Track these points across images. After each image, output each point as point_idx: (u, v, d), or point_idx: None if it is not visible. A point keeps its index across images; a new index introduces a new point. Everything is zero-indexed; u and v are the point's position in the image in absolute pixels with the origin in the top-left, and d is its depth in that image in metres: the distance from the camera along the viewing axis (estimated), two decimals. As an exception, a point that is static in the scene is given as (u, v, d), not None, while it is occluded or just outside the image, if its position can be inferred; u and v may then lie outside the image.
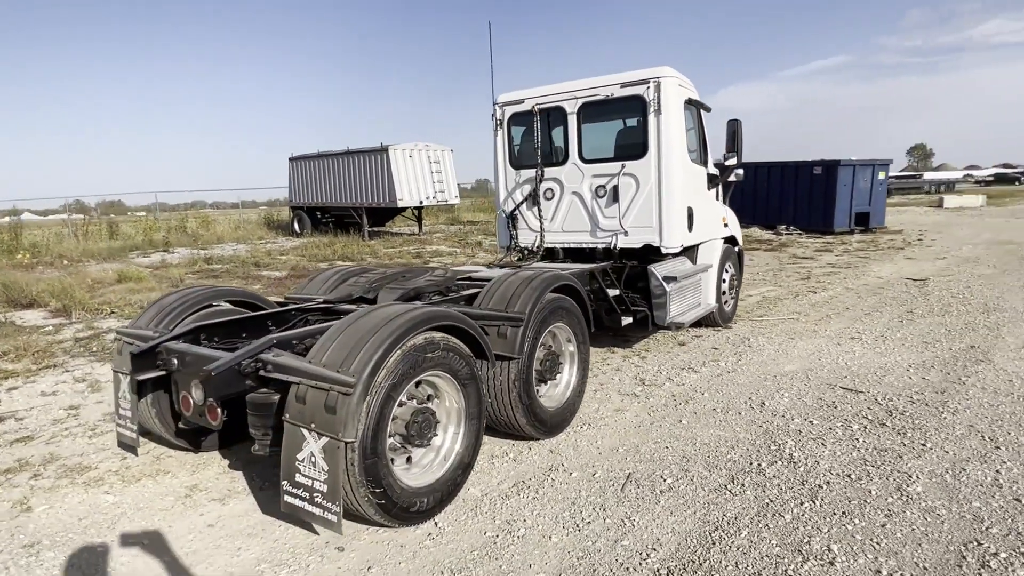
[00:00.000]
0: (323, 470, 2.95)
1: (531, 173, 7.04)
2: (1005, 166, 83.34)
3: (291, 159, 22.91)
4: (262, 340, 3.43)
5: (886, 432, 4.28)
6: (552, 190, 6.94)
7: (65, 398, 5.70)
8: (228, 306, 4.48)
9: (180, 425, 4.00)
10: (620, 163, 6.45)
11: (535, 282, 4.32)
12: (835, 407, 4.80)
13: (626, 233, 6.49)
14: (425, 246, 17.48)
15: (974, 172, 79.31)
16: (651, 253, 6.52)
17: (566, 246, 7.00)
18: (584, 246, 6.87)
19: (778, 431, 4.38)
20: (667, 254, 6.45)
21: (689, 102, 6.56)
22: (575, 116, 6.63)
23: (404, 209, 20.77)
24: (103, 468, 4.23)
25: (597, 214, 6.68)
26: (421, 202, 20.03)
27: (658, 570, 2.86)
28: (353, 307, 4.53)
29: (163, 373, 3.75)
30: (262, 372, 3.24)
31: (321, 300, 4.70)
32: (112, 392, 4.20)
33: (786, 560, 2.88)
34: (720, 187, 7.66)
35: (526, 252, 7.22)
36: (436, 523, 3.37)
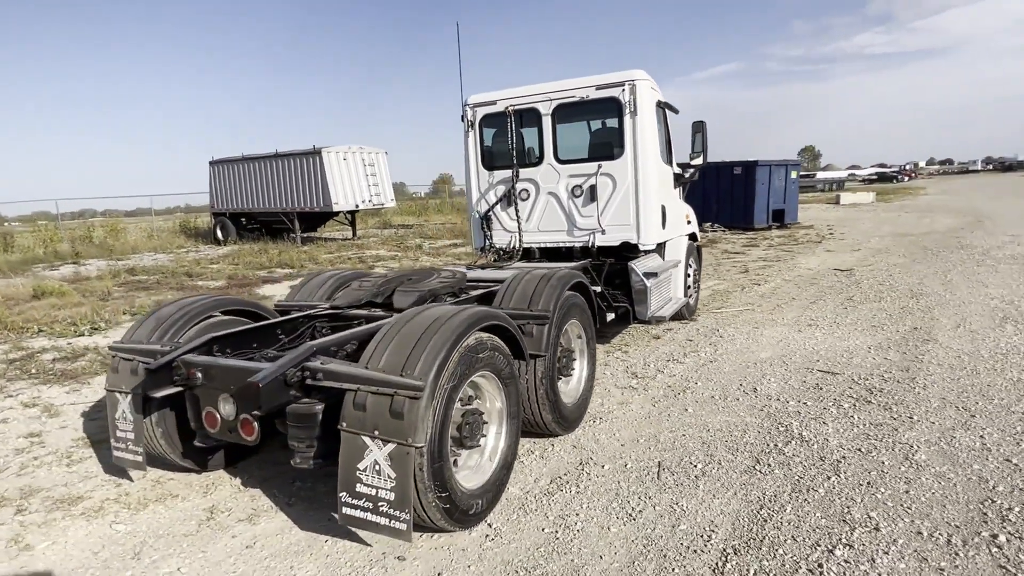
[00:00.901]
0: (389, 478, 2.87)
1: (505, 174, 7.07)
2: (881, 166, 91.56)
3: (212, 163, 21.70)
4: (302, 348, 3.28)
5: (874, 408, 4.64)
6: (527, 191, 7.00)
7: (19, 425, 5.19)
8: (226, 316, 4.24)
9: (195, 443, 3.74)
10: (596, 163, 6.61)
11: (553, 280, 4.38)
12: (820, 388, 5.15)
13: (604, 231, 6.65)
14: (364, 251, 17.07)
15: (856, 172, 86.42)
16: (627, 250, 6.73)
17: (542, 246, 7.08)
18: (561, 245, 6.98)
19: (779, 414, 4.65)
20: (644, 251, 6.68)
21: (659, 104, 6.82)
22: (550, 117, 6.72)
23: (338, 213, 20.18)
24: (98, 497, 3.90)
25: (574, 213, 6.80)
26: (357, 206, 19.53)
27: (724, 550, 2.99)
28: (364, 312, 4.41)
29: (179, 389, 3.51)
30: (308, 381, 3.11)
31: (326, 306, 4.54)
32: (108, 414, 3.88)
33: (836, 529, 3.09)
34: (681, 185, 8.00)
35: (502, 253, 7.24)
36: (490, 524, 3.35)
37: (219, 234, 21.76)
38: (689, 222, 8.11)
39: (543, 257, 7.15)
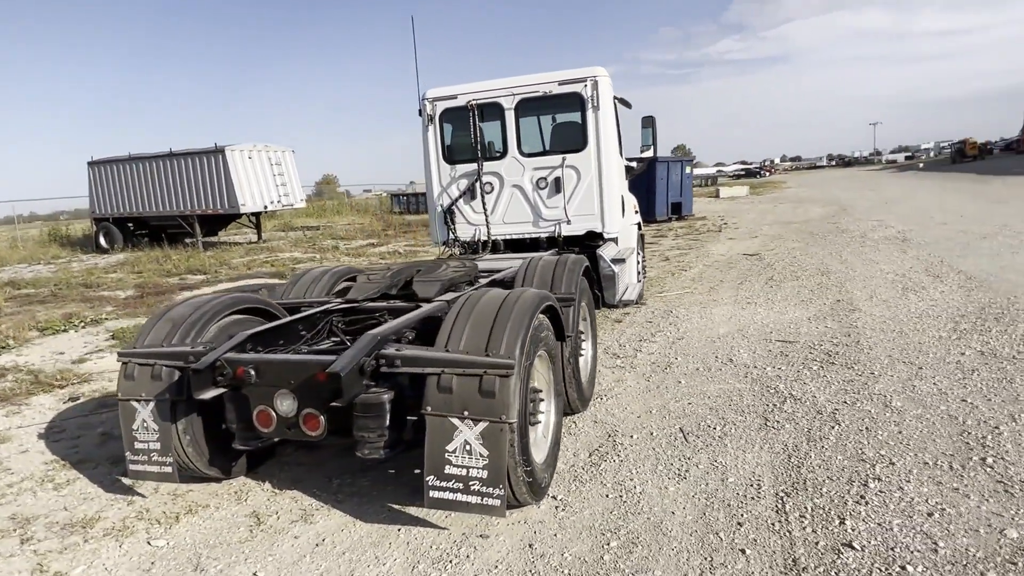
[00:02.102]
0: (481, 456, 2.94)
1: (467, 168, 7.15)
2: (743, 163, 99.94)
3: (91, 164, 19.57)
4: (367, 338, 3.23)
5: (839, 368, 5.25)
6: (491, 184, 7.13)
7: (-33, 454, 4.60)
8: (239, 316, 4.04)
9: (235, 446, 3.55)
10: (561, 156, 6.86)
11: (569, 264, 4.57)
12: (786, 355, 5.73)
13: (569, 221, 6.93)
14: (277, 254, 16.28)
15: (723, 168, 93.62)
16: (590, 239, 7.05)
17: (508, 237, 7.24)
18: (527, 236, 7.17)
19: (763, 378, 5.14)
20: (608, 239, 7.03)
21: (614, 99, 7.19)
22: (513, 112, 6.88)
23: (241, 216, 19.02)
24: (114, 516, 3.60)
25: (539, 205, 7.02)
26: (265, 207, 18.50)
27: (777, 494, 3.34)
28: (383, 304, 4.36)
29: (222, 391, 3.33)
30: (384, 369, 3.09)
31: (339, 301, 4.43)
32: (123, 425, 3.59)
33: (860, 468, 3.53)
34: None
35: (467, 246, 7.31)
36: (554, 497, 3.49)
37: (103, 241, 19.74)
38: (636, 211, 8.59)
39: (508, 249, 7.31)
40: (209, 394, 3.29)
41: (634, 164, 8.06)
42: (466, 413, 2.95)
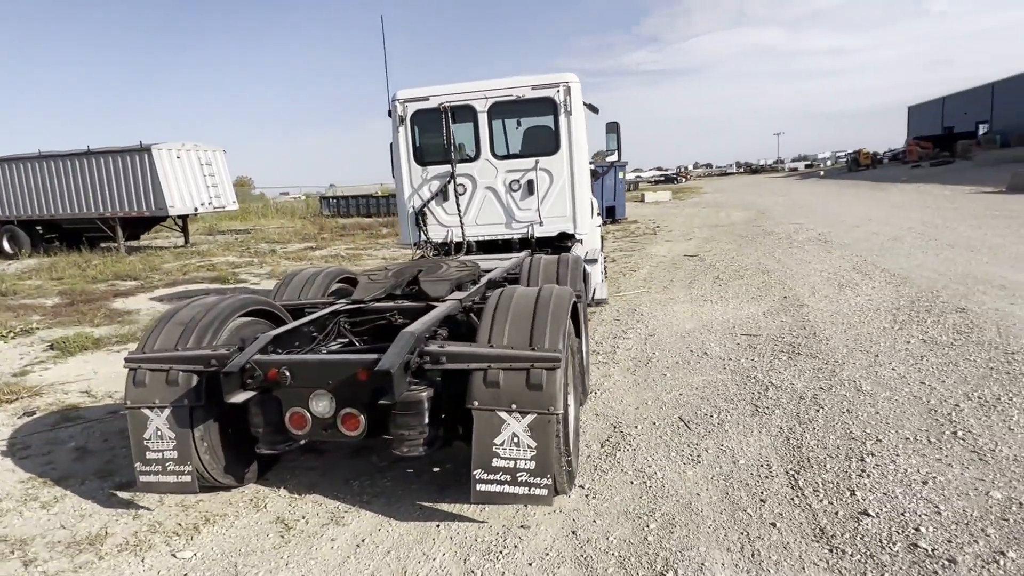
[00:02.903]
0: (529, 448, 3.03)
1: (439, 169, 7.18)
2: (659, 169, 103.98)
3: (-8, 162, 17.90)
4: (406, 336, 3.24)
5: (806, 358, 5.68)
6: (464, 185, 7.18)
7: (-78, 477, 4.20)
8: (248, 318, 3.93)
9: (259, 450, 3.44)
10: (533, 159, 7.02)
11: (571, 263, 4.73)
12: (754, 348, 6.12)
13: (542, 223, 7.09)
14: (210, 258, 15.51)
15: (642, 174, 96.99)
16: (560, 240, 7.25)
17: (480, 239, 7.31)
18: (499, 237, 7.27)
19: (741, 369, 5.48)
20: (578, 240, 7.24)
21: (584, 104, 7.42)
22: (486, 114, 6.98)
23: (166, 219, 17.92)
24: (122, 531, 3.42)
25: (512, 207, 7.14)
26: (196, 209, 17.53)
27: (787, 472, 3.61)
28: (390, 304, 4.33)
29: (251, 394, 3.24)
30: (428, 366, 3.12)
31: (346, 301, 4.36)
32: (132, 435, 3.42)
33: (852, 444, 3.87)
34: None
35: (439, 247, 7.32)
36: (581, 486, 3.61)
37: (6, 245, 18.06)
38: (599, 214, 8.87)
39: (480, 250, 7.38)
40: (240, 397, 3.20)
41: (599, 169, 8.34)
42: (514, 406, 3.02)
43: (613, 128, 7.98)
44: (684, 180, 78.81)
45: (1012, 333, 5.88)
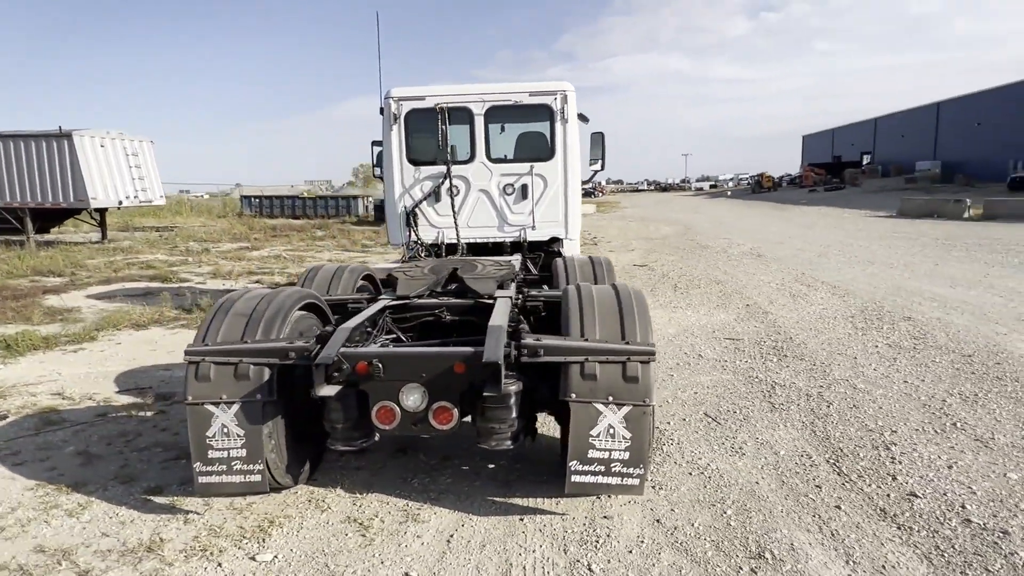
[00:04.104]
0: (624, 438, 3.12)
1: (431, 170, 7.15)
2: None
3: None
4: (497, 329, 3.25)
5: (793, 359, 6.10)
6: (457, 187, 7.18)
7: (-101, 487, 3.71)
8: (301, 312, 3.77)
9: (335, 447, 3.31)
10: (528, 164, 7.13)
11: (604, 263, 4.90)
12: (741, 351, 6.50)
13: (535, 227, 7.21)
14: (136, 256, 14.40)
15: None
16: (549, 244, 7.39)
17: (472, 241, 7.31)
18: (491, 240, 7.31)
19: (742, 369, 5.81)
20: (569, 240, 7.42)
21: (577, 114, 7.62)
22: (482, 118, 7.03)
23: (81, 211, 16.41)
24: (178, 536, 3.19)
25: (505, 210, 7.22)
26: (120, 202, 16.16)
27: (828, 461, 3.90)
28: (434, 300, 4.28)
29: (337, 388, 3.12)
30: (524, 359, 3.14)
31: (394, 297, 4.26)
32: (192, 433, 3.21)
33: (873, 436, 4.23)
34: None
35: (430, 249, 7.26)
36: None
37: None
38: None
39: (469, 252, 7.38)
40: (330, 391, 3.07)
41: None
42: (610, 398, 3.11)
43: (598, 139, 8.22)
44: (601, 194, 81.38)
45: (960, 338, 6.59)
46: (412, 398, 3.13)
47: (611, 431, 3.12)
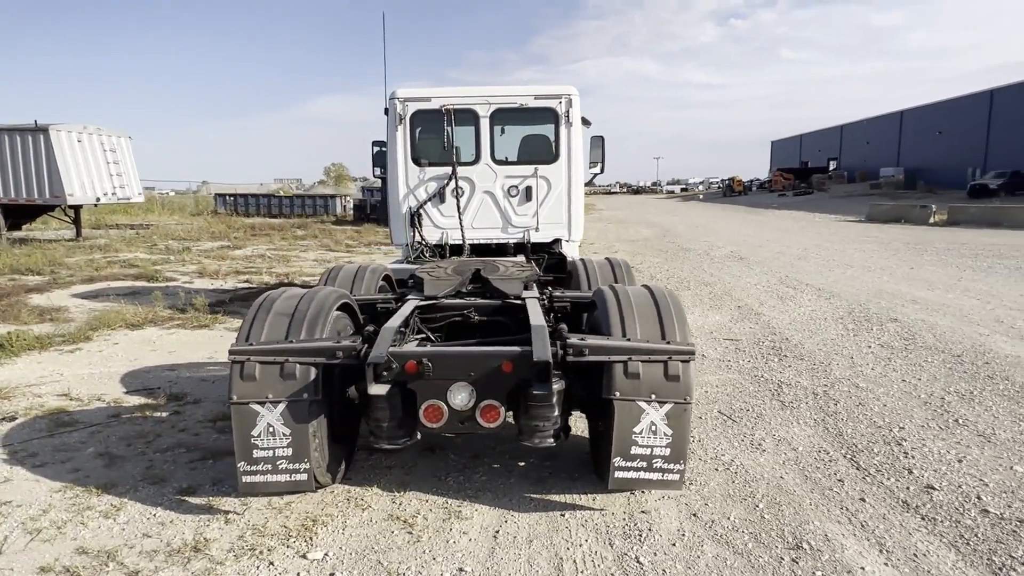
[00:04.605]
0: (665, 435, 3.22)
1: (437, 171, 7.18)
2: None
3: None
4: (541, 329, 3.32)
5: (793, 359, 6.30)
6: (462, 188, 7.22)
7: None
8: (337, 312, 3.79)
9: (379, 445, 3.34)
10: (533, 166, 7.21)
11: (622, 263, 5.03)
12: (742, 351, 6.68)
13: (538, 229, 7.30)
14: (115, 254, 14.05)
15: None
16: (552, 246, 7.48)
17: (476, 242, 7.36)
18: (495, 242, 7.37)
19: (746, 369, 5.98)
20: (572, 241, 7.52)
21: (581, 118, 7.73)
22: (488, 119, 7.08)
23: (55, 208, 15.91)
24: (222, 537, 3.19)
25: (509, 212, 7.28)
26: (98, 199, 15.72)
27: (845, 456, 4.06)
28: (465, 301, 4.33)
29: (387, 386, 3.16)
30: (570, 358, 3.22)
31: (423, 297, 4.28)
32: (237, 433, 3.21)
33: (883, 432, 4.41)
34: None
35: (434, 249, 7.28)
36: (673, 474, 3.84)
37: None
38: None
39: (473, 253, 7.42)
40: (381, 390, 3.10)
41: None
42: (653, 396, 3.20)
43: (598, 142, 8.35)
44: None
45: (947, 339, 6.88)
46: (460, 396, 3.19)
47: (653, 428, 3.21)
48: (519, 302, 4.25)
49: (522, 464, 4.01)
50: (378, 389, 3.10)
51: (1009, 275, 11.43)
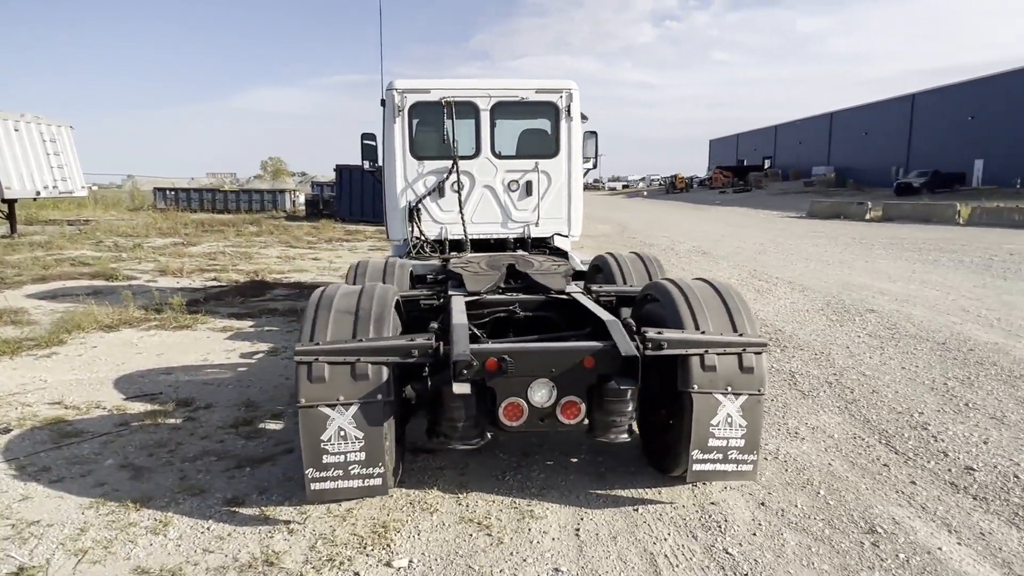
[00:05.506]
0: (740, 427, 3.25)
1: (436, 165, 7.02)
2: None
3: None
4: (617, 323, 3.28)
5: (794, 350, 6.50)
6: (462, 182, 7.10)
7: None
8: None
9: (453, 446, 3.22)
10: (533, 160, 7.16)
11: (653, 259, 5.09)
12: (743, 342, 6.84)
13: (538, 224, 7.25)
14: (60, 251, 13.10)
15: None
16: (548, 241, 7.47)
17: (476, 237, 7.25)
18: (495, 236, 7.28)
19: (753, 360, 6.12)
20: (572, 236, 7.52)
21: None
22: (488, 113, 6.98)
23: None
24: (292, 548, 3.02)
25: (509, 206, 7.21)
26: (38, 193, 14.53)
27: (880, 442, 4.21)
28: (508, 297, 4.24)
29: (467, 386, 3.05)
30: (649, 352, 3.20)
31: (466, 292, 4.16)
32: (305, 438, 3.03)
33: (906, 417, 4.61)
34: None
35: (434, 245, 7.13)
36: (726, 464, 3.88)
37: None
38: None
39: (474, 248, 7.31)
40: (464, 388, 2.99)
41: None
42: (729, 388, 3.23)
43: (591, 138, 8.36)
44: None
45: (926, 327, 7.26)
46: (540, 393, 3.12)
47: (729, 420, 3.24)
48: (564, 297, 4.21)
49: (575, 460, 3.97)
50: (462, 388, 2.99)
51: (956, 267, 12.18)
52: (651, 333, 3.25)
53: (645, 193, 68.95)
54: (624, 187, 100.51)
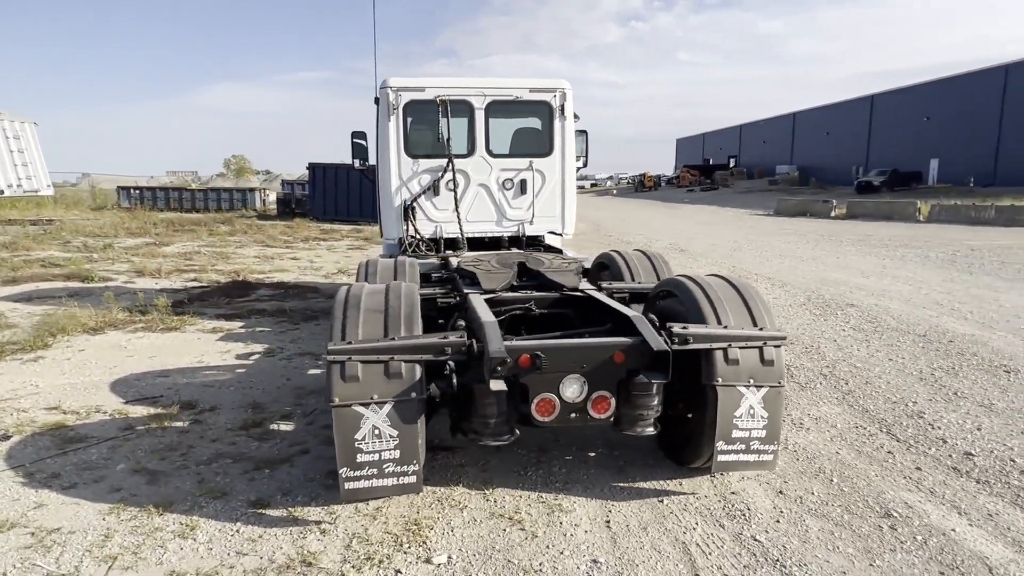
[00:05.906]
0: (762, 418, 3.36)
1: (431, 163, 7.02)
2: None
3: None
4: (642, 319, 3.34)
5: (787, 345, 6.67)
6: (456, 181, 7.10)
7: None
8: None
9: (484, 443, 3.24)
10: (528, 159, 7.21)
11: (659, 256, 5.19)
12: (734, 337, 7.00)
13: (532, 222, 7.31)
14: (27, 252, 12.63)
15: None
16: (539, 240, 7.53)
17: (471, 235, 7.27)
18: (490, 235, 7.31)
19: (748, 354, 6.27)
20: (565, 234, 7.59)
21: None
22: (483, 112, 7.00)
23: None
24: (328, 548, 3.01)
25: (504, 205, 7.24)
26: (1, 192, 13.97)
27: (882, 431, 4.38)
28: (524, 294, 4.27)
29: (501, 383, 3.08)
30: (675, 346, 3.27)
31: (481, 290, 4.18)
32: (339, 437, 3.03)
33: (902, 407, 4.79)
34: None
35: (429, 244, 7.12)
36: (740, 455, 3.99)
37: None
38: None
39: (469, 246, 7.33)
40: (500, 385, 3.02)
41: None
42: (752, 381, 3.33)
43: (582, 136, 8.44)
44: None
45: (905, 320, 7.54)
46: (572, 389, 3.17)
47: (751, 412, 3.34)
48: (578, 294, 4.27)
49: (593, 455, 4.03)
50: (498, 385, 3.02)
51: (923, 263, 12.65)
52: (677, 328, 3.33)
53: (614, 192, 69.58)
54: (592, 185, 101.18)
